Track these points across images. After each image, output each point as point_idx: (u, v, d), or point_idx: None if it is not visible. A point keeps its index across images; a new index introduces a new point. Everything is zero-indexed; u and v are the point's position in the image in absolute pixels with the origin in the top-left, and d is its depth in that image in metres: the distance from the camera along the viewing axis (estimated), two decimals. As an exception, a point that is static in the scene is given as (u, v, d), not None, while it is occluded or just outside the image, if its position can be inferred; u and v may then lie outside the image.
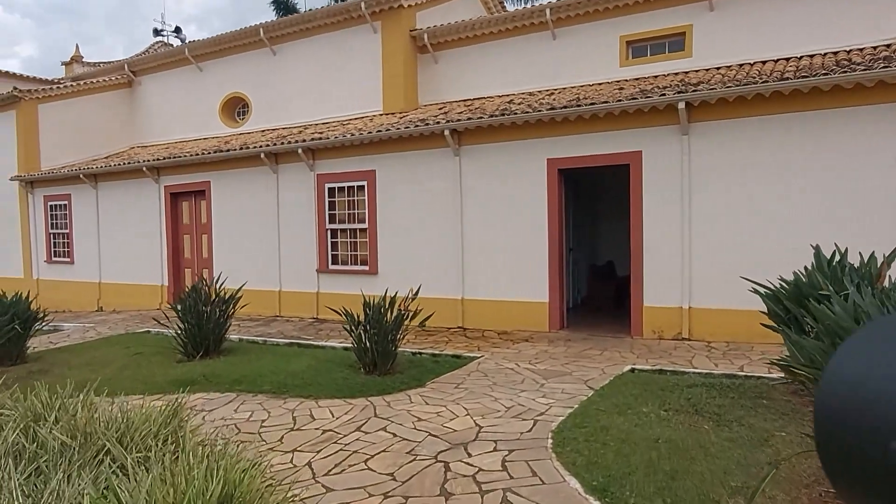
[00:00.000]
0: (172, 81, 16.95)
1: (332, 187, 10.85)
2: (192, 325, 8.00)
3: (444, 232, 9.72)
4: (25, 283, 15.97)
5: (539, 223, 8.91)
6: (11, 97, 15.44)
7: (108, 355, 8.69)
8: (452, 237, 9.63)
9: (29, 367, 8.04)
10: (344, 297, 10.61)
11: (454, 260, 9.63)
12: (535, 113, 8.59)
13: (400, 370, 6.84)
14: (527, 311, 9.03)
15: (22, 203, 16.04)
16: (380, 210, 10.34)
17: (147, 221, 13.52)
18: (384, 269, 10.35)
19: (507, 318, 9.17)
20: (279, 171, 11.48)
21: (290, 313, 11.48)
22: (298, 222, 11.26)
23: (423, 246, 9.95)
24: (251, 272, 11.91)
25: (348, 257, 10.84)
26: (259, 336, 9.70)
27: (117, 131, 17.40)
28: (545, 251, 8.86)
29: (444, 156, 9.67)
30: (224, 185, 12.29)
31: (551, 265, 8.83)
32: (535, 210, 8.94)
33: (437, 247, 9.80)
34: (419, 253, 9.99)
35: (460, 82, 12.54)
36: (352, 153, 10.55)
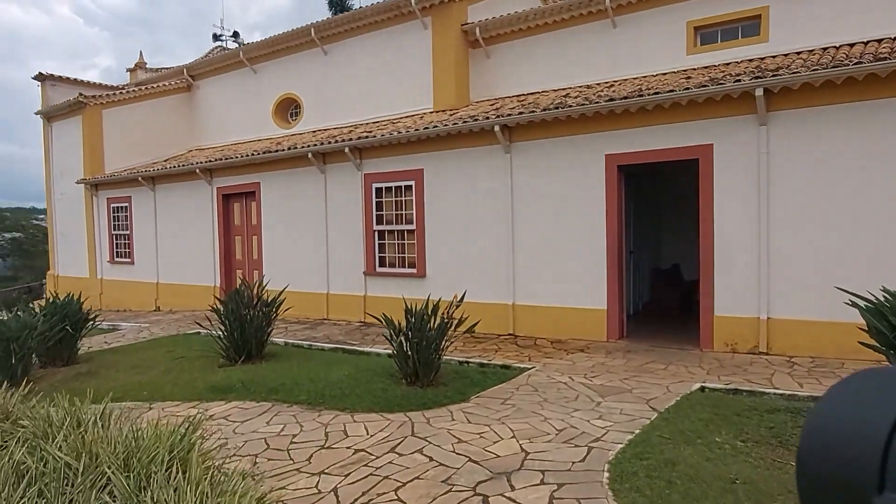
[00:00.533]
0: (228, 84, 17.15)
1: (379, 187, 10.53)
2: (233, 330, 7.81)
3: (493, 233, 9.21)
4: (90, 283, 16.52)
5: (596, 224, 8.27)
6: (77, 103, 15.98)
7: (154, 358, 8.65)
8: (503, 239, 9.10)
9: (78, 369, 8.05)
10: (391, 300, 10.27)
11: (504, 263, 9.10)
12: (593, 105, 7.95)
13: (443, 381, 6.38)
14: (583, 319, 8.40)
15: (87, 205, 16.58)
16: (428, 210, 9.93)
17: (200, 223, 13.63)
18: (432, 272, 9.93)
19: (562, 326, 8.57)
20: (327, 171, 11.26)
21: (338, 316, 11.24)
22: (346, 223, 11.00)
23: (472, 248, 9.47)
24: (299, 274, 11.76)
25: (395, 259, 10.50)
26: (304, 340, 9.47)
27: (177, 134, 17.76)
28: (603, 254, 8.21)
29: (495, 153, 9.16)
30: (273, 185, 12.20)
31: (610, 269, 8.17)
32: (592, 210, 8.30)
33: (487, 249, 9.30)
34: (468, 255, 9.52)
35: (513, 77, 11.98)
36: (399, 152, 10.19)
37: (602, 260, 8.22)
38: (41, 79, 17.63)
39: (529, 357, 7.62)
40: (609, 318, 8.20)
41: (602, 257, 8.22)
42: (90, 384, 7.30)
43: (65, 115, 16.88)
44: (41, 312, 8.00)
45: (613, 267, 8.15)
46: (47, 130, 17.76)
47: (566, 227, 8.55)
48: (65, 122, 17.02)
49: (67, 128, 16.92)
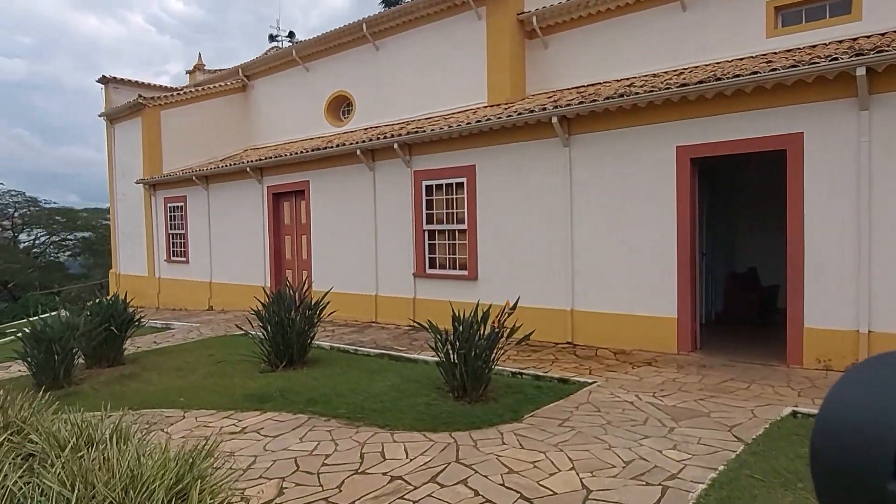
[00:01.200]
0: (282, 83, 17.10)
1: (429, 185, 10.04)
2: (275, 334, 7.48)
3: (550, 233, 8.54)
4: (149, 282, 16.81)
5: (666, 223, 7.48)
6: (137, 104, 16.26)
7: (198, 360, 8.45)
8: (560, 239, 8.42)
9: (122, 371, 7.91)
10: (441, 304, 9.76)
11: (562, 265, 8.42)
12: (663, 92, 7.18)
13: (494, 396, 5.80)
14: (650, 328, 7.62)
15: (146, 205, 16.87)
16: (480, 209, 9.35)
17: (251, 222, 13.54)
18: (484, 275, 9.35)
19: (626, 336, 7.82)
20: (376, 168, 10.86)
21: (386, 320, 10.82)
22: (395, 223, 10.57)
23: (526, 249, 8.83)
24: (348, 275, 11.43)
25: (446, 261, 9.97)
26: (350, 344, 9.08)
27: (233, 134, 17.87)
28: (673, 256, 7.42)
29: (552, 147, 8.48)
30: (322, 184, 11.91)
31: (681, 273, 7.37)
32: (661, 207, 7.52)
33: (543, 250, 8.64)
34: (522, 257, 8.88)
35: (573, 68, 11.25)
36: (450, 147, 9.66)
37: (672, 263, 7.43)
38: (104, 81, 18.10)
39: (590, 370, 6.92)
40: (680, 328, 7.40)
41: (672, 260, 7.43)
42: (130, 387, 7.13)
43: (126, 116, 17.25)
44: (85, 313, 7.90)
45: (685, 270, 7.34)
46: (110, 132, 18.22)
47: (631, 226, 7.80)
48: (126, 123, 17.39)
49: (128, 129, 17.28)
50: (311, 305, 7.88)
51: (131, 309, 8.66)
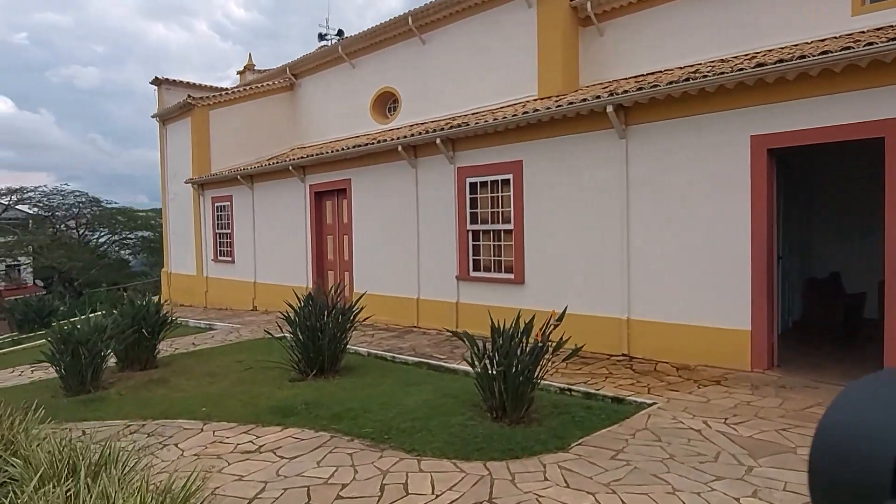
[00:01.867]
0: (328, 81, 16.86)
1: (473, 182, 9.42)
2: (305, 341, 7.04)
3: (604, 232, 7.77)
4: (197, 281, 16.88)
5: (738, 222, 6.61)
6: (186, 104, 16.34)
7: (230, 364, 8.14)
8: (615, 239, 7.65)
9: (151, 375, 7.66)
10: (485, 309, 9.11)
11: (617, 269, 7.64)
12: (735, 73, 6.32)
13: (537, 417, 5.14)
14: (719, 341, 6.76)
15: (195, 204, 16.95)
16: (527, 208, 8.67)
17: (294, 222, 13.27)
18: (532, 278, 8.66)
19: (690, 349, 6.98)
20: (418, 165, 10.33)
21: (428, 324, 10.27)
22: (438, 222, 10.01)
23: (578, 251, 8.09)
24: (389, 277, 10.95)
25: (491, 263, 9.33)
26: (388, 351, 8.58)
27: (281, 134, 17.76)
28: (747, 260, 6.54)
29: (607, 139, 7.72)
30: (363, 182, 11.48)
31: (756, 279, 6.48)
32: (733, 205, 6.65)
33: (596, 251, 7.88)
34: (573, 259, 8.14)
35: (630, 56, 10.39)
36: (495, 142, 9.02)
37: (745, 267, 6.55)
38: (157, 83, 18.34)
39: (648, 388, 6.15)
40: (755, 341, 6.51)
41: (745, 263, 6.55)
42: (157, 393, 6.83)
43: (176, 117, 17.40)
44: (117, 315, 7.70)
45: (761, 276, 6.45)
46: (163, 133, 18.45)
47: (697, 225, 6.96)
48: (177, 124, 17.54)
49: (179, 129, 17.42)
50: (344, 309, 7.41)
51: (165, 311, 8.41)
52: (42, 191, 27.00)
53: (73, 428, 5.66)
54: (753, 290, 6.50)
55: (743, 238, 6.54)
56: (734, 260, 6.63)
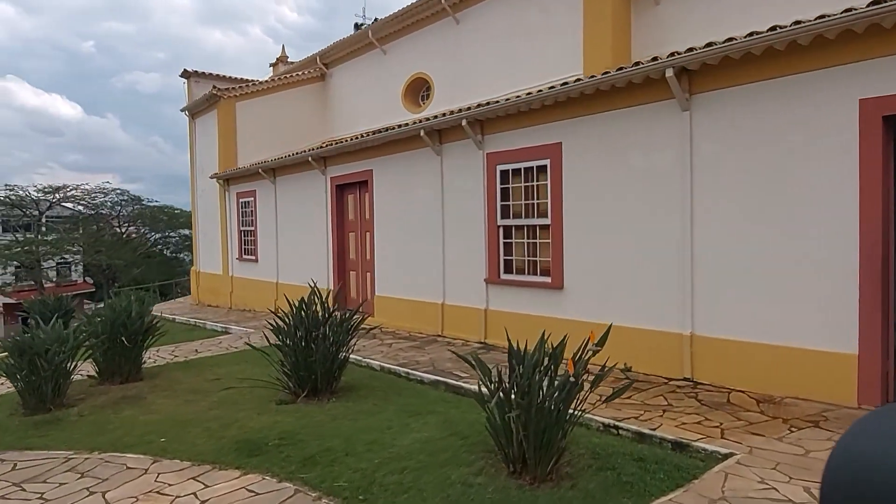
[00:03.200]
0: (359, 70, 15.88)
1: (504, 169, 8.11)
2: (295, 357, 5.90)
3: (661, 228, 6.33)
4: (223, 280, 16.14)
5: (842, 214, 5.08)
6: (212, 96, 15.60)
7: (223, 378, 7.11)
8: (674, 236, 6.20)
9: (128, 390, 6.70)
10: (518, 318, 7.82)
11: (677, 272, 6.19)
12: (842, 16, 4.80)
13: (570, 473, 3.81)
14: (814, 367, 5.24)
15: (221, 201, 16.22)
16: (567, 198, 7.30)
17: (315, 218, 12.26)
18: (572, 283, 7.29)
19: (775, 376, 5.47)
20: (443, 152, 9.09)
21: (454, 333, 9.01)
22: (464, 217, 8.74)
23: (628, 249, 6.67)
24: (412, 279, 9.76)
25: (525, 264, 8.00)
26: (403, 365, 7.38)
27: (311, 126, 16.87)
28: (854, 262, 5.00)
29: (665, 112, 6.28)
30: (385, 173, 10.32)
31: (866, 287, 4.94)
32: (834, 191, 5.12)
33: (652, 251, 6.44)
34: (623, 259, 6.73)
35: (691, 25, 8.83)
36: (530, 121, 7.69)
37: (851, 271, 5.01)
38: (186, 76, 17.75)
39: (721, 429, 4.69)
40: (863, 369, 4.96)
41: (851, 267, 5.01)
42: (122, 415, 5.81)
43: (203, 110, 16.73)
44: (80, 323, 6.78)
45: (873, 283, 4.91)
46: (191, 127, 17.85)
47: (784, 217, 5.44)
48: (204, 117, 16.88)
49: (206, 123, 16.75)
50: (340, 321, 6.24)
51: (150, 316, 7.45)
52: (84, 189, 27.18)
53: (5, 460, 4.69)
54: (862, 302, 4.96)
55: (849, 232, 5.00)
56: (835, 262, 5.10)
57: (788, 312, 5.40)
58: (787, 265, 5.41)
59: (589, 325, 6.95)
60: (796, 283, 5.35)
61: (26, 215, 25.74)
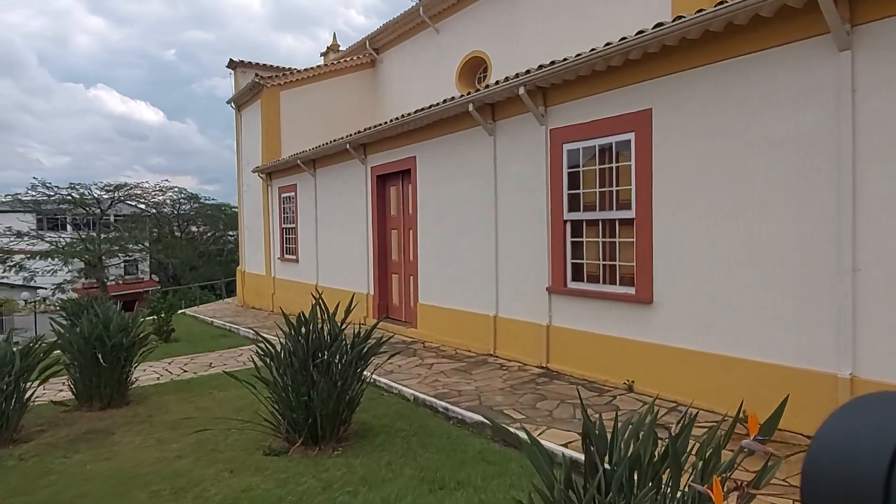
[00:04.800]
0: (410, 52, 14.48)
1: (573, 149, 6.38)
2: (286, 396, 4.43)
3: (800, 222, 4.45)
4: (265, 282, 15.10)
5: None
6: (255, 85, 14.58)
7: (213, 409, 5.75)
8: (821, 233, 4.31)
9: (99, 421, 5.44)
10: (588, 339, 6.09)
11: (826, 282, 4.29)
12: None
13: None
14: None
15: (264, 196, 15.20)
16: (658, 183, 5.50)
17: (355, 214, 10.88)
18: (665, 295, 5.48)
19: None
20: (496, 131, 7.45)
21: (509, 353, 7.35)
22: (523, 210, 7.07)
23: (751, 252, 4.81)
24: (459, 285, 8.18)
25: (600, 270, 6.24)
26: (442, 396, 5.81)
27: (362, 115, 15.57)
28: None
29: (811, 53, 4.39)
30: (430, 159, 8.78)
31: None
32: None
33: (787, 255, 4.56)
34: (741, 265, 4.87)
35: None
36: (607, 84, 5.93)
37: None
38: (233, 66, 16.86)
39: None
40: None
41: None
42: (71, 460, 4.50)
43: (248, 101, 15.78)
44: (64, 337, 5.57)
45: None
46: (238, 119, 16.96)
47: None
48: (249, 108, 15.93)
49: (251, 114, 15.79)
50: (358, 340, 4.72)
51: (140, 327, 6.20)
52: (144, 186, 27.19)
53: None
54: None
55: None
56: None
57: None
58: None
59: (688, 355, 5.14)
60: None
61: (89, 213, 25.94)
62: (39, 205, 24.79)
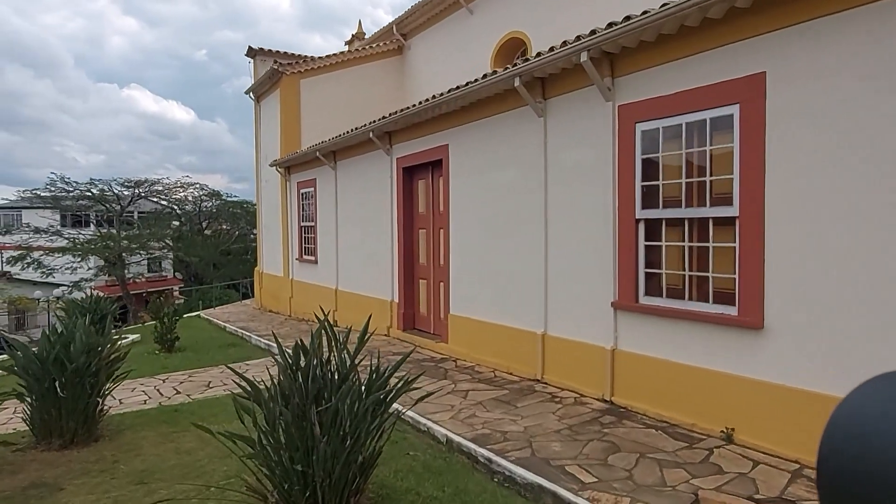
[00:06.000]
0: (441, 36, 13.30)
1: (650, 129, 5.07)
2: (276, 456, 3.25)
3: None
4: (283, 284, 14.05)
5: None
6: (274, 73, 13.53)
7: (193, 451, 4.61)
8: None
9: (49, 467, 4.33)
10: (669, 368, 4.79)
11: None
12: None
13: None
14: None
15: (282, 192, 14.14)
16: (773, 169, 4.17)
17: (379, 211, 9.70)
18: (783, 318, 4.15)
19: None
20: (548, 110, 6.17)
21: (560, 379, 6.07)
22: (580, 206, 5.78)
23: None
24: (499, 296, 6.93)
25: (685, 282, 4.92)
26: (481, 438, 4.58)
27: (387, 106, 14.39)
28: None
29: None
30: (465, 147, 7.54)
31: None
32: None
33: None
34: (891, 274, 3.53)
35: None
36: (702, 42, 4.60)
37: None
38: (252, 54, 15.85)
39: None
40: None
41: None
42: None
43: (267, 90, 14.76)
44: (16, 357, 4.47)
45: None
46: (257, 111, 15.96)
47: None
48: (268, 98, 14.91)
49: (270, 105, 14.76)
50: (377, 378, 3.51)
51: (112, 348, 5.09)
52: (165, 182, 26.49)
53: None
54: None
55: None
56: None
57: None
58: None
59: (816, 401, 3.79)
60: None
61: (109, 210, 25.33)
62: (59, 201, 24.24)
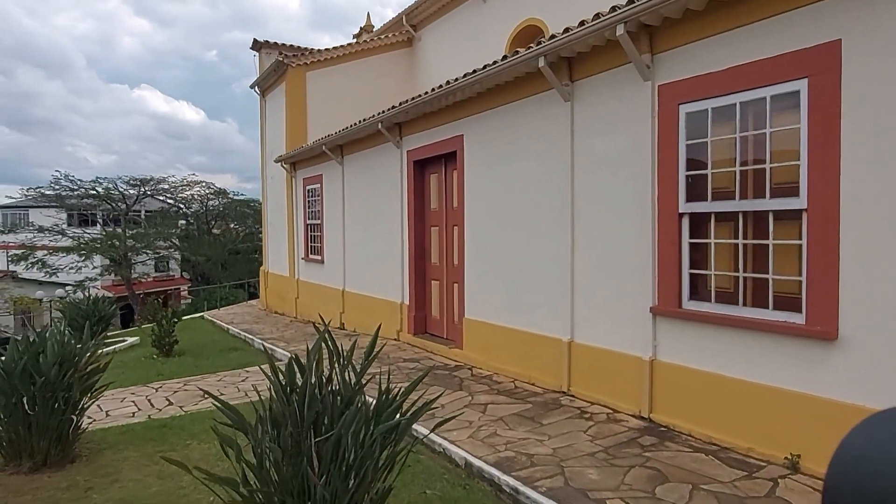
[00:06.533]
0: (453, 26, 12.73)
1: (696, 111, 4.47)
2: (269, 490, 2.69)
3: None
4: (288, 284, 13.54)
5: None
6: (279, 65, 13.01)
7: (176, 476, 4.07)
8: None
9: (10, 500, 3.78)
10: (721, 384, 4.19)
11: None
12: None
13: None
14: None
15: (288, 188, 13.62)
16: (850, 153, 3.56)
17: (388, 207, 9.14)
18: (860, 328, 3.55)
19: None
20: (575, 93, 5.58)
21: (590, 392, 5.48)
22: (613, 198, 5.19)
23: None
24: (520, 298, 6.34)
25: (737, 286, 4.31)
26: (505, 463, 4.01)
27: (396, 100, 13.85)
28: None
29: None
30: (481, 137, 6.96)
31: None
32: None
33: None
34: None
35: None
36: (761, 8, 4.00)
37: None
38: (257, 47, 15.34)
39: None
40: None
41: None
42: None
43: (273, 84, 14.25)
44: None
45: None
46: (262, 106, 15.46)
47: None
48: (273, 92, 14.41)
49: (275, 99, 14.26)
50: (389, 402, 2.95)
51: (90, 358, 4.55)
52: (171, 181, 26.09)
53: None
54: None
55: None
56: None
57: None
58: None
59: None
60: None
61: (114, 209, 24.96)
62: (63, 199, 23.88)
